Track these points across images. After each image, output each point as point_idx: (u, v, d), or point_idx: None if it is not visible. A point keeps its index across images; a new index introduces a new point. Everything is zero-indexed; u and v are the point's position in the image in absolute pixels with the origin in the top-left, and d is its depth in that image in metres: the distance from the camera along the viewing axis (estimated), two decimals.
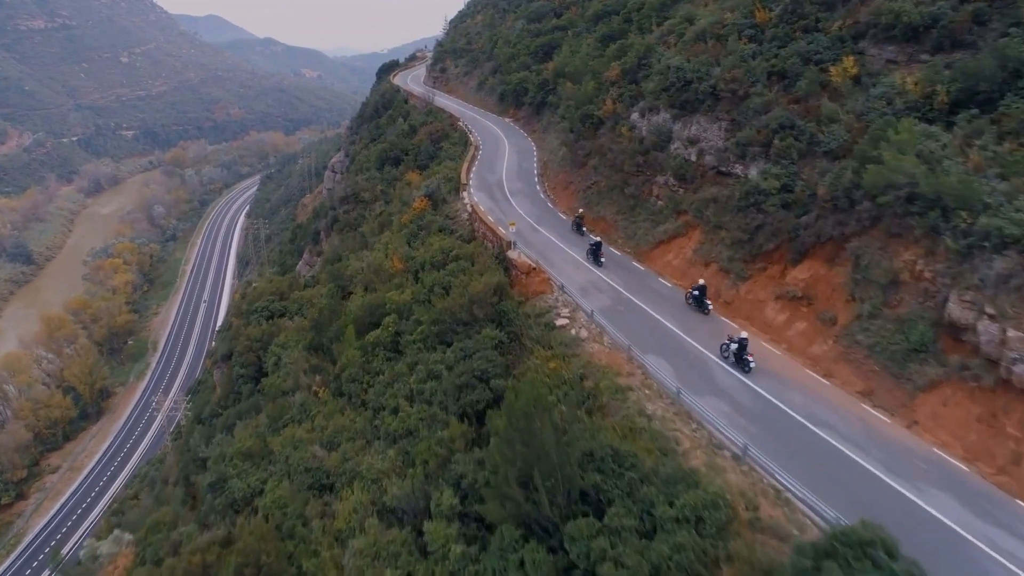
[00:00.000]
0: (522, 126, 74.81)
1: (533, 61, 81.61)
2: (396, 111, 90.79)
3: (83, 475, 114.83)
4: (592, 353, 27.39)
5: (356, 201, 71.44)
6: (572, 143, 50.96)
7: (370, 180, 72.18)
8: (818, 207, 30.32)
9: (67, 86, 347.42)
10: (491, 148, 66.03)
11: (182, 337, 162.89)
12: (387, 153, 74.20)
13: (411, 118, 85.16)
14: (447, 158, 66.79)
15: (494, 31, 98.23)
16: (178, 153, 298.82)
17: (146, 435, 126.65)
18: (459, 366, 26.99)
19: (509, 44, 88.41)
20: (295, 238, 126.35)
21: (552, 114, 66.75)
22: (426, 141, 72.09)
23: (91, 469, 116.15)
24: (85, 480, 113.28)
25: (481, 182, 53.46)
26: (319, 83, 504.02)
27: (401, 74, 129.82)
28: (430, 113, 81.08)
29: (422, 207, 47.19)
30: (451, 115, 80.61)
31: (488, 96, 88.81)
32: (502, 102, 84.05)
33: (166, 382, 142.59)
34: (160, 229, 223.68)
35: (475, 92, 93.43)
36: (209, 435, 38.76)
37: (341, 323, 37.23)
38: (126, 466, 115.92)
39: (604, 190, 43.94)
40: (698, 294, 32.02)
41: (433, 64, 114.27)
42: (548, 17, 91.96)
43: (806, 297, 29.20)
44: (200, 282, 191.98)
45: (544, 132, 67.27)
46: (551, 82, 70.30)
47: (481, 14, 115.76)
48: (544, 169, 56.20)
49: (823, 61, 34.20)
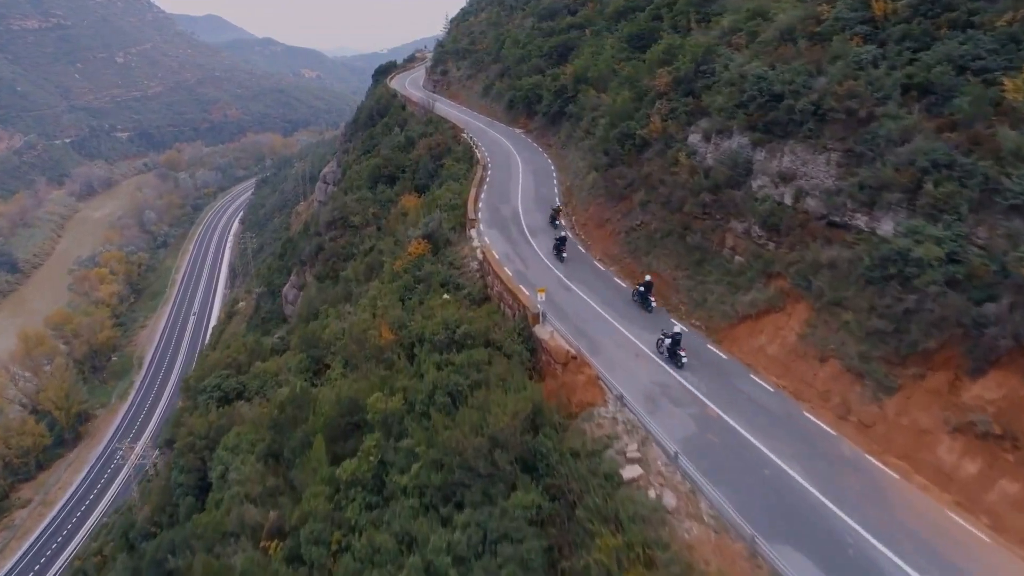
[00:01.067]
0: (536, 139, 64.10)
1: (547, 64, 70.85)
2: (392, 119, 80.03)
3: (55, 510, 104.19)
4: (690, 543, 16.75)
5: (344, 226, 60.83)
6: (605, 168, 40.24)
7: (361, 202, 61.54)
8: (1012, 291, 19.79)
9: (61, 87, 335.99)
10: (502, 167, 55.36)
11: (169, 352, 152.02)
12: (380, 170, 63.53)
13: (408, 128, 74.40)
14: (450, 177, 56.14)
15: (500, 30, 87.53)
16: (172, 155, 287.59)
17: (124, 466, 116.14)
18: (476, 565, 16.35)
19: (518, 45, 77.63)
20: (285, 252, 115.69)
21: (573, 126, 56.05)
22: (425, 157, 61.42)
23: (64, 503, 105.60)
24: (57, 516, 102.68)
25: (492, 214, 42.81)
26: (318, 83, 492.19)
27: (399, 77, 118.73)
28: (430, 123, 70.33)
29: (419, 252, 36.56)
30: (453, 125, 69.87)
31: (495, 103, 78.07)
32: (511, 110, 73.35)
33: (149, 404, 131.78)
34: (151, 236, 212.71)
35: (480, 98, 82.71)
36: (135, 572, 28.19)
37: (308, 427, 26.60)
38: (102, 500, 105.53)
39: (655, 235, 33.10)
40: (643, 290, 29.80)
41: (433, 66, 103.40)
42: (561, 15, 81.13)
43: (1007, 434, 18.63)
44: (190, 292, 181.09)
45: (563, 147, 56.59)
46: (570, 89, 59.62)
47: (485, 12, 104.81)
48: (568, 197, 45.53)
49: (989, 70, 23.55)
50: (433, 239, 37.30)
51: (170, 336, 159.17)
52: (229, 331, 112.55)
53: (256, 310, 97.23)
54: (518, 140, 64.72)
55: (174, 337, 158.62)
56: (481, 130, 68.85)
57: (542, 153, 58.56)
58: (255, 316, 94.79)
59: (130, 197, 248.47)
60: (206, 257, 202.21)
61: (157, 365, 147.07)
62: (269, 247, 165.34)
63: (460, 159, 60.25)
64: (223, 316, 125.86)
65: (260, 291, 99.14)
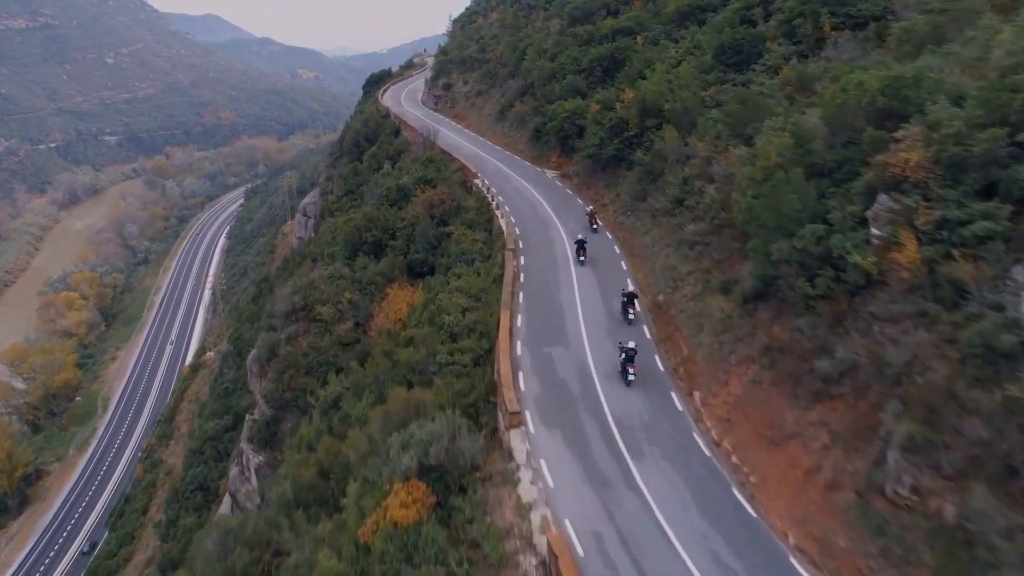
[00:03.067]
0: (579, 189, 44.44)
1: (587, 83, 51.08)
2: (382, 150, 60.07)
3: None
4: None
5: (309, 319, 41.13)
6: (772, 320, 20.73)
7: (334, 282, 41.77)
8: None
9: (47, 89, 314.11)
10: (540, 248, 35.54)
11: (140, 390, 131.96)
12: (362, 234, 43.77)
13: (402, 165, 54.64)
14: (461, 259, 36.45)
15: (517, 35, 67.38)
16: (160, 162, 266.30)
17: (79, 533, 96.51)
18: None
19: (544, 55, 57.60)
20: (260, 294, 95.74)
21: (643, 185, 36.21)
22: (424, 219, 41.66)
23: None
24: None
25: (544, 379, 22.73)
26: (316, 84, 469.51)
27: (393, 88, 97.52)
28: (431, 162, 50.25)
29: (409, 518, 16.83)
30: (462, 165, 50.13)
31: (515, 130, 58.23)
32: (538, 142, 53.65)
33: (111, 458, 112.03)
34: (131, 251, 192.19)
35: (494, 122, 62.77)
36: None
37: None
38: None
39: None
40: (625, 301, 26.62)
41: (435, 78, 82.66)
42: (598, 16, 61.30)
43: None
44: (169, 317, 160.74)
45: (628, 214, 36.89)
46: (633, 124, 39.97)
47: (497, 11, 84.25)
48: (666, 326, 25.85)
49: None
50: (441, 474, 17.61)
51: (143, 370, 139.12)
52: (193, 389, 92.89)
53: (218, 377, 77.50)
54: (554, 192, 44.94)
55: (147, 371, 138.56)
56: (500, 173, 49.08)
57: (594, 224, 38.73)
58: (217, 384, 75.08)
59: (115, 207, 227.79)
60: (189, 274, 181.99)
61: (126, 406, 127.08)
62: (253, 270, 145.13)
63: (474, 224, 40.54)
64: (187, 369, 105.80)
65: (225, 350, 79.31)
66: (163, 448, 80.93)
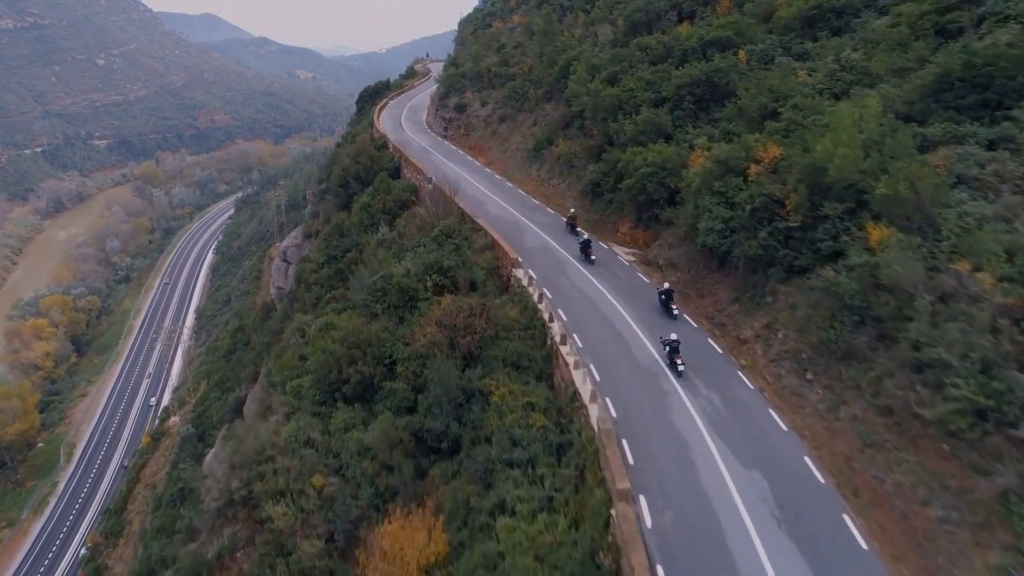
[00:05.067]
0: (682, 293, 27.67)
1: (670, 117, 34.10)
2: (375, 201, 42.91)
3: None
4: None
5: (253, 521, 24.28)
6: None
7: (294, 453, 24.97)
8: None
9: (35, 91, 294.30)
10: (665, 454, 18.88)
11: (111, 433, 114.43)
12: (341, 368, 26.79)
13: (404, 229, 37.55)
14: (508, 454, 19.62)
15: (552, 44, 50.01)
16: (150, 168, 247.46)
17: None
18: None
19: (598, 74, 40.49)
20: (235, 348, 78.44)
21: (854, 333, 19.66)
22: (441, 353, 24.78)
23: None
24: None
25: None
26: (314, 85, 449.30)
27: (392, 104, 79.12)
28: (447, 236, 33.09)
29: None
30: (493, 240, 33.07)
31: (558, 176, 41.07)
32: (597, 198, 36.68)
33: (72, 521, 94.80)
34: (112, 268, 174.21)
35: (526, 161, 45.46)
36: None
37: None
38: None
39: None
40: (664, 298, 25.63)
41: (444, 96, 64.39)
42: (666, 21, 44.13)
43: None
44: (149, 344, 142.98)
45: (813, 374, 20.28)
46: (798, 207, 23.19)
47: (520, 12, 66.33)
48: None
49: None
50: None
51: (115, 408, 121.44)
52: (150, 469, 75.69)
53: (176, 464, 60.34)
54: (642, 298, 28.03)
55: (120, 410, 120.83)
56: (550, 255, 31.89)
57: (752, 396, 21.74)
58: (171, 480, 57.87)
59: (97, 218, 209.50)
60: (173, 294, 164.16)
61: (93, 453, 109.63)
62: (237, 297, 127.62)
63: (522, 364, 23.64)
64: (147, 439, 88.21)
65: (185, 433, 62.09)
66: (109, 550, 63.77)
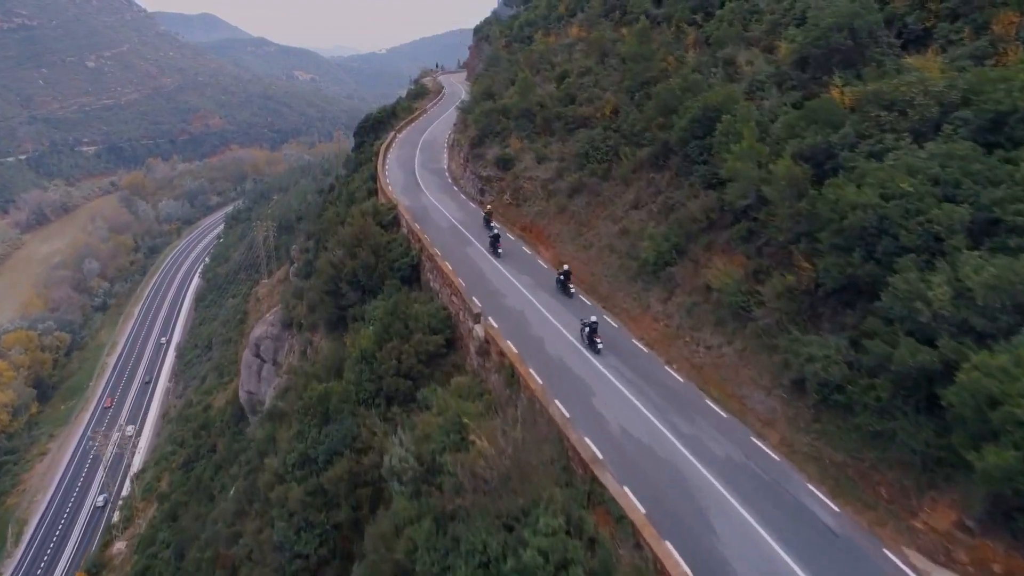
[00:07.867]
0: None
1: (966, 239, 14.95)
2: (385, 353, 24.15)
3: None
4: None
5: None
6: None
7: None
8: None
9: (21, 95, 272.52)
10: None
11: (70, 505, 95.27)
12: None
13: (447, 465, 18.57)
14: None
15: (648, 71, 30.57)
16: (138, 178, 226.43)
17: None
18: None
19: (782, 148, 21.53)
20: (197, 456, 59.31)
21: None
22: None
23: None
24: None
25: None
26: (312, 87, 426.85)
27: (400, 141, 57.59)
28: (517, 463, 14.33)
29: None
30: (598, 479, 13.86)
31: (714, 330, 22.21)
32: (829, 408, 17.81)
33: None
34: (89, 293, 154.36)
35: (632, 278, 26.57)
36: None
37: None
38: None
39: None
40: (563, 279, 26.77)
41: (477, 144, 40.47)
42: (885, 50, 24.75)
43: None
44: (123, 385, 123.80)
45: None
46: None
47: (578, 23, 45.24)
48: None
49: None
50: None
51: (77, 471, 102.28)
52: None
53: None
54: None
55: (83, 472, 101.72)
56: None
57: None
58: None
59: (79, 233, 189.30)
60: (154, 324, 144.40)
61: (47, 533, 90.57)
62: (218, 344, 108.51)
63: None
64: (120, 522, 69.04)
65: None
66: None
